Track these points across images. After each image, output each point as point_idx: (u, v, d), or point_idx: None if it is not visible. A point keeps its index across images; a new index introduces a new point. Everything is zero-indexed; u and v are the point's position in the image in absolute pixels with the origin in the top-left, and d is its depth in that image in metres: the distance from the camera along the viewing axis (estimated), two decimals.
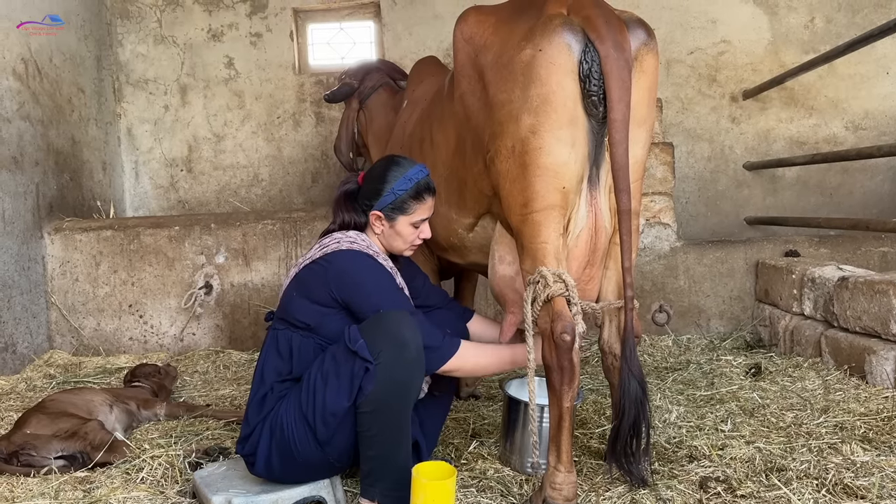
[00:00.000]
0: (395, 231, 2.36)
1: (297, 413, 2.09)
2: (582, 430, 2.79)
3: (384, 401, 2.01)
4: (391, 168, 2.36)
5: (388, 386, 2.01)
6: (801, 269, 3.82)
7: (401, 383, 2.03)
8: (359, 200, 2.39)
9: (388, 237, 2.39)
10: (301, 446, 2.10)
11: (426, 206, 2.37)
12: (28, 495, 2.33)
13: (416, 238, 2.40)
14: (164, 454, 2.62)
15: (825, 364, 3.44)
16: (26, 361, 4.23)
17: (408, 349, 2.02)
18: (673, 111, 5.66)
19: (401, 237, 2.37)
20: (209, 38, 5.85)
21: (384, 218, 2.35)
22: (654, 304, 2.53)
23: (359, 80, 4.16)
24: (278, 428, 2.12)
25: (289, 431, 2.10)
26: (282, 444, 2.11)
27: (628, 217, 2.02)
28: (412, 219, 2.35)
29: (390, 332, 2.03)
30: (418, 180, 2.34)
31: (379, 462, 2.08)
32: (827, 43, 5.46)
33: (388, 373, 2.00)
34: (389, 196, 2.32)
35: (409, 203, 2.33)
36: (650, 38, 2.11)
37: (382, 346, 2.00)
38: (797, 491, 2.12)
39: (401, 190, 2.33)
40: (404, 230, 2.36)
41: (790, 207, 5.68)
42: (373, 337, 2.02)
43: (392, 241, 2.39)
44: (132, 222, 4.77)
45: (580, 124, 2.04)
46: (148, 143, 5.93)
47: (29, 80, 4.50)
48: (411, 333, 2.04)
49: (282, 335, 2.24)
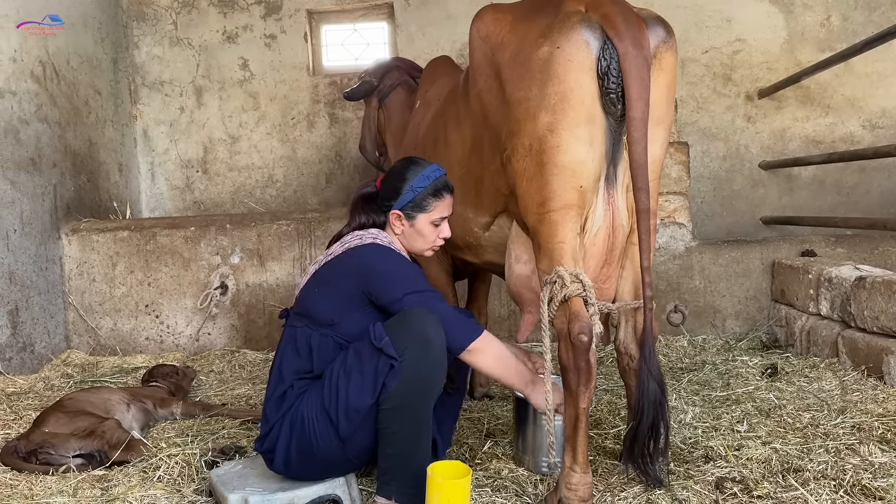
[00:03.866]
0: (415, 230, 2.36)
1: (319, 408, 2.10)
2: (597, 430, 2.78)
3: (407, 398, 2.03)
4: (410, 167, 2.38)
5: (412, 383, 2.03)
6: (817, 268, 3.79)
7: (424, 381, 2.05)
8: (378, 202, 2.40)
9: (408, 237, 2.38)
10: (322, 442, 2.11)
11: (445, 204, 2.37)
12: (47, 493, 2.35)
13: (436, 238, 2.40)
14: (181, 453, 2.64)
15: (842, 364, 3.41)
16: (44, 361, 4.27)
17: (432, 347, 2.04)
18: (688, 110, 5.63)
19: (421, 236, 2.37)
20: (224, 39, 5.88)
21: (404, 217, 2.35)
22: (669, 304, 2.53)
23: (378, 79, 4.15)
24: (299, 423, 2.13)
25: (310, 426, 2.11)
26: (302, 439, 2.12)
27: (646, 216, 2.02)
28: (431, 216, 2.35)
29: (415, 329, 2.04)
30: (436, 178, 2.35)
31: (398, 460, 2.09)
32: (843, 41, 5.42)
33: (413, 370, 2.02)
34: (409, 194, 2.33)
35: (427, 200, 2.34)
36: (669, 35, 2.10)
37: (407, 344, 2.02)
38: (814, 492, 2.10)
39: (419, 187, 2.33)
40: (424, 229, 2.36)
41: (806, 207, 5.64)
42: (398, 334, 2.04)
43: (412, 241, 2.39)
44: (148, 223, 4.80)
45: (598, 122, 2.03)
46: (164, 144, 5.97)
47: (47, 82, 4.54)
48: (435, 331, 2.06)
49: (300, 333, 2.24)
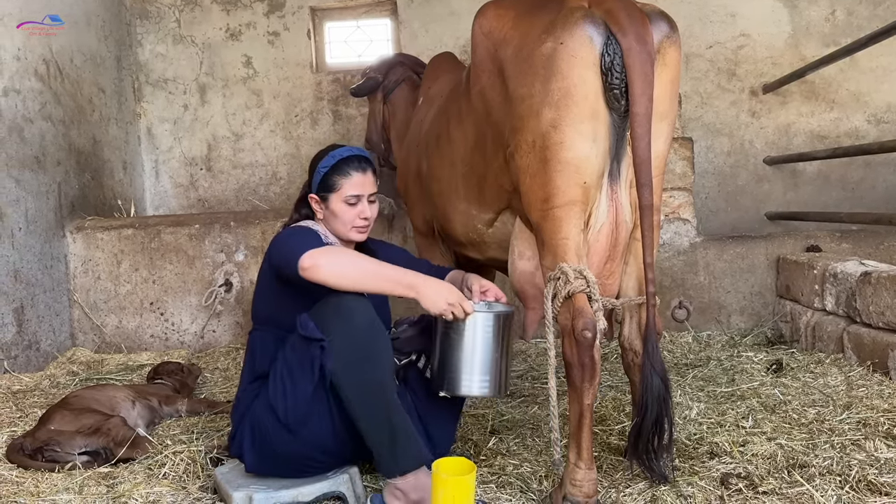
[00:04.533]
0: (331, 212, 2.40)
1: (267, 406, 2.16)
2: (601, 426, 2.78)
3: (350, 372, 2.06)
4: (325, 151, 2.45)
5: (349, 356, 2.05)
6: (822, 264, 3.78)
7: (360, 351, 2.06)
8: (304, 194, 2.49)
9: (329, 221, 2.42)
10: (276, 438, 2.15)
11: (353, 182, 2.37)
12: (53, 490, 2.36)
13: (355, 218, 2.39)
14: (186, 450, 2.64)
15: (847, 360, 3.40)
16: (49, 359, 4.28)
17: (355, 317, 2.07)
18: (692, 106, 5.62)
19: (338, 218, 2.39)
20: (227, 37, 5.88)
21: (319, 200, 2.41)
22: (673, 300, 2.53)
23: (383, 75, 4.15)
24: (256, 424, 2.19)
25: (263, 426, 2.16)
26: (261, 439, 2.18)
27: (650, 212, 2.01)
28: (341, 195, 2.37)
29: (336, 306, 2.08)
30: (340, 157, 2.39)
31: (376, 435, 2.09)
32: (848, 35, 5.39)
33: (344, 343, 2.05)
34: (317, 175, 2.40)
35: (334, 179, 2.37)
36: (673, 30, 2.09)
37: (332, 323, 2.06)
38: (820, 487, 2.10)
39: (325, 167, 2.39)
40: (338, 208, 2.38)
41: (811, 202, 5.62)
42: (321, 316, 2.09)
43: (333, 224, 2.41)
44: (153, 221, 4.81)
45: (602, 118, 2.03)
46: (168, 142, 5.97)
47: (50, 80, 4.54)
48: (357, 303, 2.08)
49: (251, 337, 2.36)
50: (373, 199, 2.44)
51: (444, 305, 2.09)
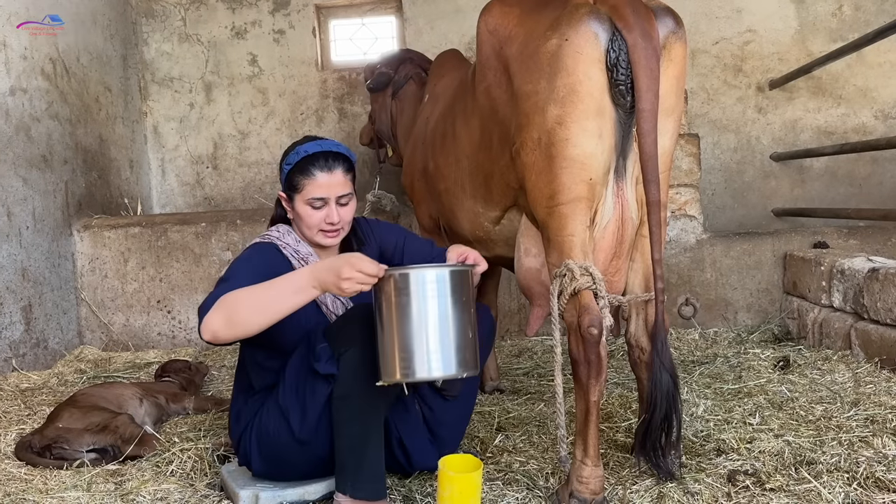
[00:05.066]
0: (296, 213, 2.19)
1: (279, 418, 2.10)
2: (608, 424, 2.78)
3: (356, 386, 1.99)
4: (295, 143, 2.23)
5: (354, 384, 1.99)
6: (829, 260, 3.77)
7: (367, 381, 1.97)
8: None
9: (296, 222, 2.22)
10: (287, 449, 2.11)
11: (317, 184, 2.13)
12: (61, 487, 2.37)
13: (321, 223, 2.16)
14: (194, 447, 2.65)
15: (855, 357, 3.39)
16: (57, 357, 4.30)
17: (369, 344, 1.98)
18: (698, 102, 5.60)
19: (302, 220, 2.17)
20: (233, 35, 5.89)
21: (287, 199, 2.21)
22: (680, 297, 2.51)
23: (394, 70, 4.12)
24: (265, 435, 2.13)
25: (273, 438, 2.11)
26: (269, 450, 2.13)
27: (657, 208, 2.00)
28: (305, 196, 2.14)
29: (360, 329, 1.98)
30: (308, 153, 2.14)
31: (352, 454, 2.04)
32: (855, 31, 5.37)
33: (355, 369, 1.99)
34: (282, 173, 2.20)
35: (296, 178, 2.14)
36: (678, 26, 2.09)
37: (354, 335, 1.99)
38: (827, 484, 2.09)
39: (288, 165, 2.17)
40: (301, 210, 2.16)
41: (818, 198, 5.60)
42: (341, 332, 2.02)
43: (300, 226, 2.21)
44: (159, 219, 4.82)
45: (607, 115, 2.02)
46: (174, 140, 5.99)
47: (57, 79, 4.56)
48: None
49: (241, 353, 2.30)
50: (344, 202, 2.19)
51: (345, 284, 1.80)
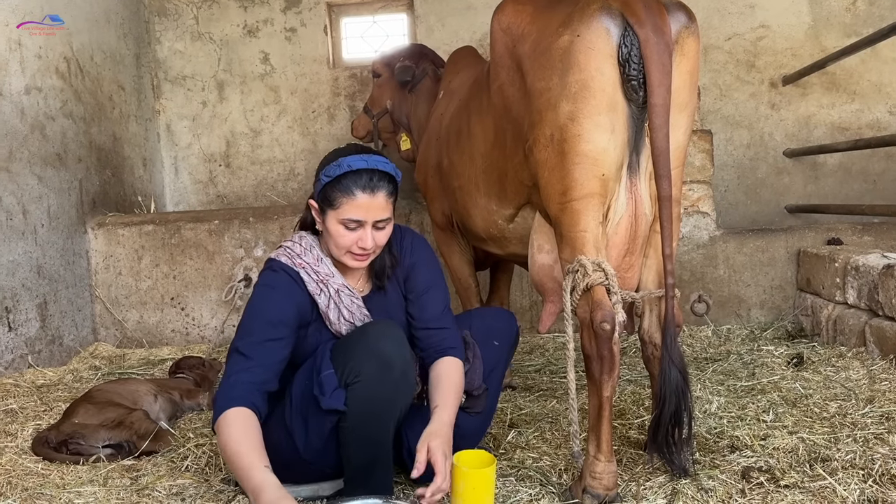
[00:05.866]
0: (326, 228, 2.03)
1: (283, 431, 2.07)
2: (621, 420, 2.77)
3: (363, 418, 1.93)
4: (339, 151, 2.05)
5: (364, 408, 1.92)
6: (844, 257, 3.74)
7: (378, 405, 1.94)
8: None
9: (324, 236, 2.06)
10: (291, 460, 2.08)
11: (356, 205, 1.95)
12: (78, 482, 2.39)
13: (353, 245, 2.00)
14: (208, 443, 2.67)
15: (870, 354, 3.37)
16: (72, 353, 4.33)
17: (391, 372, 1.92)
18: (711, 98, 5.58)
19: (332, 238, 2.01)
20: (245, 33, 5.91)
21: (318, 210, 2.05)
22: (693, 294, 2.50)
23: (414, 63, 4.10)
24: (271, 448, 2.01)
25: (278, 448, 2.05)
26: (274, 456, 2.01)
27: (669, 204, 2.00)
28: (339, 216, 1.97)
29: (372, 352, 1.91)
30: (353, 168, 1.94)
31: (360, 474, 2.02)
32: (870, 26, 5.33)
33: (367, 394, 1.91)
34: (319, 182, 2.01)
35: (335, 194, 1.96)
36: (691, 21, 2.08)
37: (362, 365, 1.90)
38: (843, 481, 2.08)
39: (328, 176, 1.97)
40: (333, 229, 2.00)
41: (832, 195, 5.57)
42: (350, 353, 1.93)
43: (328, 242, 2.06)
44: (173, 217, 4.85)
45: (620, 110, 2.02)
46: (187, 138, 6.02)
47: (71, 78, 4.59)
48: (394, 350, 1.93)
49: None
50: (381, 226, 2.02)
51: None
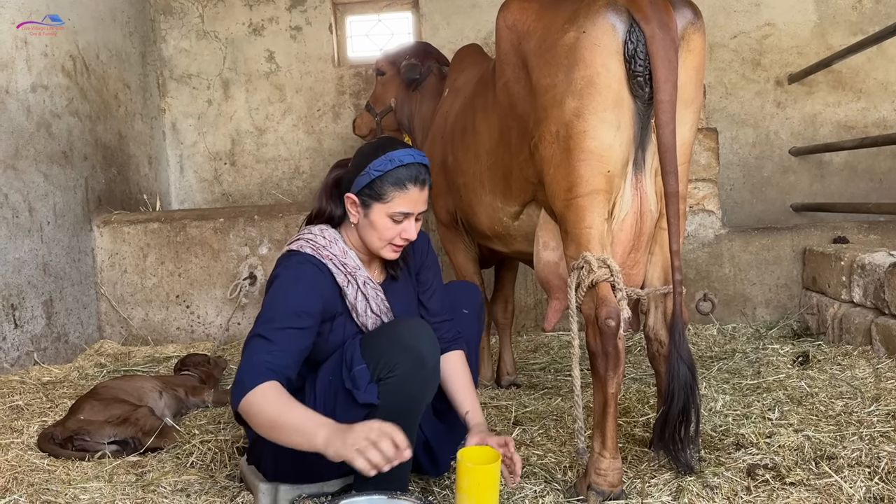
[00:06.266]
0: (369, 221, 2.06)
1: None
2: (626, 418, 2.77)
3: (393, 413, 1.92)
4: (381, 145, 2.07)
5: (395, 404, 1.93)
6: (850, 255, 3.73)
7: (409, 402, 1.97)
8: (341, 186, 2.13)
9: (362, 229, 2.09)
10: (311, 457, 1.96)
11: (408, 198, 2.03)
12: (83, 478, 2.40)
13: (396, 237, 2.06)
14: (213, 440, 2.68)
15: (876, 352, 3.36)
16: (78, 351, 4.34)
17: (424, 368, 1.94)
18: (716, 96, 5.56)
19: (375, 230, 2.05)
20: (250, 32, 5.92)
21: (359, 203, 2.06)
22: (698, 292, 2.50)
23: (420, 61, 4.09)
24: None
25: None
26: (292, 457, 1.99)
27: (675, 200, 2.00)
28: (389, 209, 2.03)
29: (406, 348, 1.93)
30: (403, 163, 2.01)
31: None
32: (876, 24, 5.32)
33: (399, 388, 1.93)
34: (366, 176, 2.02)
35: (385, 188, 2.01)
36: (697, 17, 2.08)
37: (396, 359, 1.91)
38: (848, 479, 2.08)
39: (378, 170, 2.01)
40: (379, 222, 2.04)
41: (838, 193, 5.55)
42: (382, 347, 1.94)
43: (366, 235, 2.08)
44: (178, 215, 4.86)
45: (625, 106, 2.02)
46: (192, 137, 6.03)
47: (77, 76, 4.60)
48: (427, 346, 1.95)
49: None
50: (419, 218, 2.09)
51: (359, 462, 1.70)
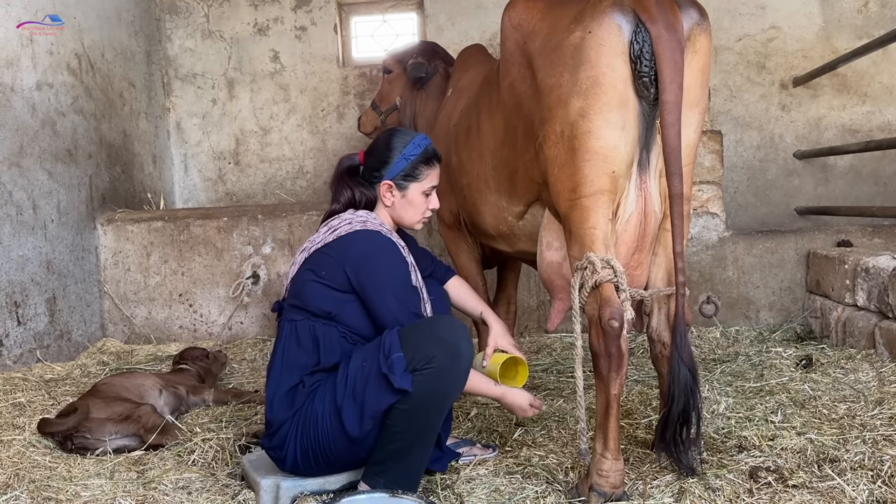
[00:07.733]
0: (406, 201, 2.37)
1: (332, 411, 2.07)
2: (628, 420, 2.77)
3: (423, 404, 2.02)
4: (396, 137, 2.39)
5: (426, 400, 2.02)
6: (854, 259, 3.73)
7: (438, 399, 2.05)
8: (364, 175, 2.40)
9: (399, 208, 2.38)
10: (333, 445, 2.09)
11: (435, 173, 2.39)
12: (85, 475, 2.40)
13: (426, 209, 2.40)
14: (215, 437, 2.68)
15: (879, 356, 3.35)
16: (81, 349, 4.35)
17: (462, 360, 2.05)
18: (721, 99, 5.56)
19: (413, 207, 2.37)
20: (255, 32, 5.93)
21: (395, 187, 2.35)
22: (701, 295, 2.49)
23: (427, 60, 4.08)
24: (312, 423, 2.09)
25: (322, 427, 2.08)
26: (314, 439, 2.09)
27: (680, 201, 1.99)
28: (423, 186, 2.36)
29: (444, 342, 2.03)
30: (426, 146, 2.37)
31: (395, 456, 2.06)
32: (881, 27, 5.30)
33: (432, 383, 2.01)
34: (401, 163, 2.34)
35: (420, 168, 2.35)
36: (703, 18, 2.07)
37: (433, 351, 2.01)
38: (851, 482, 2.07)
39: (412, 155, 2.34)
40: (416, 199, 2.36)
41: (842, 197, 5.54)
42: (421, 340, 2.04)
43: (403, 213, 2.39)
44: (182, 214, 4.86)
45: (631, 107, 2.01)
46: (196, 136, 6.03)
47: (82, 74, 4.61)
48: (464, 344, 2.06)
49: (301, 325, 2.20)
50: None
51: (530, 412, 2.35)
